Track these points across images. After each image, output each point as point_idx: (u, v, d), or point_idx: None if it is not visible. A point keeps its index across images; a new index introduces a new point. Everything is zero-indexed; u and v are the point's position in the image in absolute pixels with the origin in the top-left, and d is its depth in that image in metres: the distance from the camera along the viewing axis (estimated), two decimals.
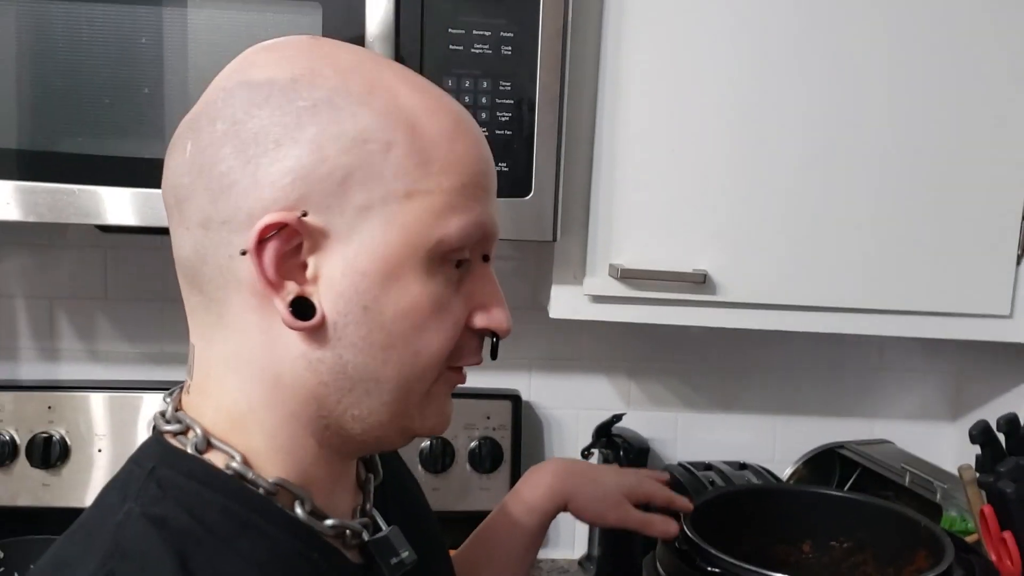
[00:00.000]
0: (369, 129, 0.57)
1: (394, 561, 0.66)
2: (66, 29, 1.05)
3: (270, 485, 0.60)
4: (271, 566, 0.58)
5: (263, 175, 0.56)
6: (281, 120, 0.57)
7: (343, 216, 0.57)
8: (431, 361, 0.61)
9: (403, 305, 0.59)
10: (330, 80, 0.58)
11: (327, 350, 0.59)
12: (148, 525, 0.56)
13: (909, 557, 1.04)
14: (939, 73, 1.20)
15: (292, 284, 0.58)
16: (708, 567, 0.96)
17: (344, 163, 0.56)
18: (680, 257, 1.21)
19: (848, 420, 1.60)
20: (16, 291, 1.48)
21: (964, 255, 1.25)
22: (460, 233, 0.60)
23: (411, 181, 0.58)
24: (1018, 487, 0.99)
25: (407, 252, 0.58)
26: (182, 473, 0.60)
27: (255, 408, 0.61)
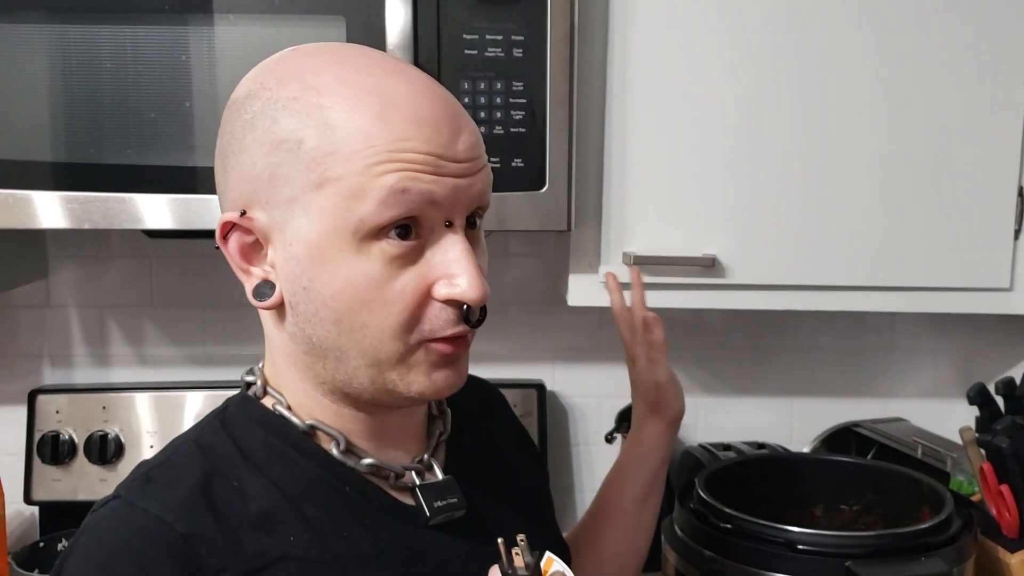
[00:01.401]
0: (286, 130, 0.65)
1: (438, 504, 0.73)
2: (111, 48, 1.14)
3: (306, 425, 0.71)
4: (295, 489, 0.69)
5: (228, 181, 0.69)
6: (235, 134, 0.68)
7: (278, 210, 0.66)
8: (383, 332, 0.66)
9: (338, 284, 0.65)
10: (269, 91, 0.67)
11: (295, 326, 0.69)
12: (195, 446, 0.69)
13: (915, 515, 1.10)
14: (936, 55, 1.26)
15: (258, 269, 0.69)
16: (721, 523, 1.02)
17: (269, 163, 0.66)
18: (690, 242, 1.28)
19: (863, 400, 1.65)
20: (69, 301, 1.58)
21: (964, 231, 1.30)
22: (378, 209, 0.63)
23: (321, 171, 0.64)
24: (1013, 443, 1.04)
25: (331, 235, 0.65)
26: (243, 412, 0.72)
27: (279, 372, 0.73)
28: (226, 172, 0.69)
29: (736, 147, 1.27)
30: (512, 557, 0.68)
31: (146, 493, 0.65)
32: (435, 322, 0.67)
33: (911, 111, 1.27)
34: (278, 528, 0.66)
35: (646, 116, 1.26)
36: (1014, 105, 1.28)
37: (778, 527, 0.99)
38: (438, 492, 0.73)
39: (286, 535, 0.66)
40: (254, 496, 0.67)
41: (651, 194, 1.28)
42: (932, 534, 0.98)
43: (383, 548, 0.70)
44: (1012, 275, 1.31)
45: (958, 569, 0.98)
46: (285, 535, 0.66)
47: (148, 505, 0.64)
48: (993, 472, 1.07)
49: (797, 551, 0.97)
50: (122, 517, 0.65)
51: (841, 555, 0.95)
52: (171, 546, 0.63)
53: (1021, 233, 1.30)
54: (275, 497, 0.67)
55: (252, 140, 0.66)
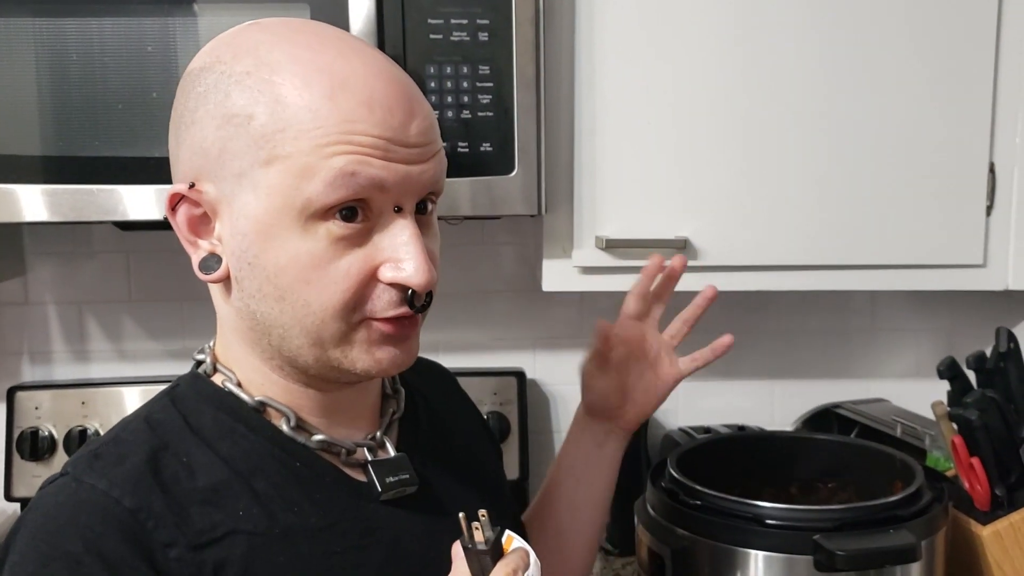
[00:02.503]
0: (237, 105, 0.65)
1: (390, 480, 0.73)
2: (77, 41, 1.14)
3: (255, 402, 0.71)
4: (245, 464, 0.69)
5: (180, 153, 0.69)
6: (187, 106, 0.68)
7: (226, 184, 0.66)
8: (326, 312, 0.66)
9: (283, 261, 0.65)
10: (223, 65, 0.67)
11: (240, 301, 0.69)
12: (143, 423, 0.70)
13: (889, 490, 1.10)
14: (906, 34, 1.26)
15: (206, 243, 0.69)
16: (690, 500, 1.02)
17: (220, 137, 0.66)
18: (662, 225, 1.28)
19: (844, 381, 1.65)
20: (47, 298, 1.58)
21: (937, 209, 1.30)
22: (325, 190, 0.63)
23: (271, 148, 0.64)
24: (982, 415, 1.04)
25: (277, 212, 0.65)
26: (192, 389, 0.73)
27: (229, 346, 0.73)
28: (178, 144, 0.69)
29: (708, 129, 1.27)
30: (472, 532, 0.68)
31: (93, 469, 0.66)
32: (378, 302, 0.67)
33: (882, 89, 1.27)
34: (227, 503, 0.67)
35: (616, 98, 1.26)
36: (983, 82, 1.28)
37: (747, 502, 0.99)
38: (390, 468, 0.74)
39: (235, 509, 0.66)
40: (203, 471, 0.67)
41: (623, 177, 1.28)
42: (901, 507, 0.98)
43: (333, 522, 0.70)
44: (985, 252, 1.32)
45: (928, 541, 0.98)
46: (234, 509, 0.66)
47: (95, 481, 0.64)
48: (964, 445, 1.07)
49: (766, 526, 0.97)
50: (69, 493, 0.65)
51: (809, 529, 0.95)
52: (118, 521, 0.63)
53: (993, 210, 1.30)
54: (224, 472, 0.68)
55: (204, 113, 0.66)
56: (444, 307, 1.60)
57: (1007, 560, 1.06)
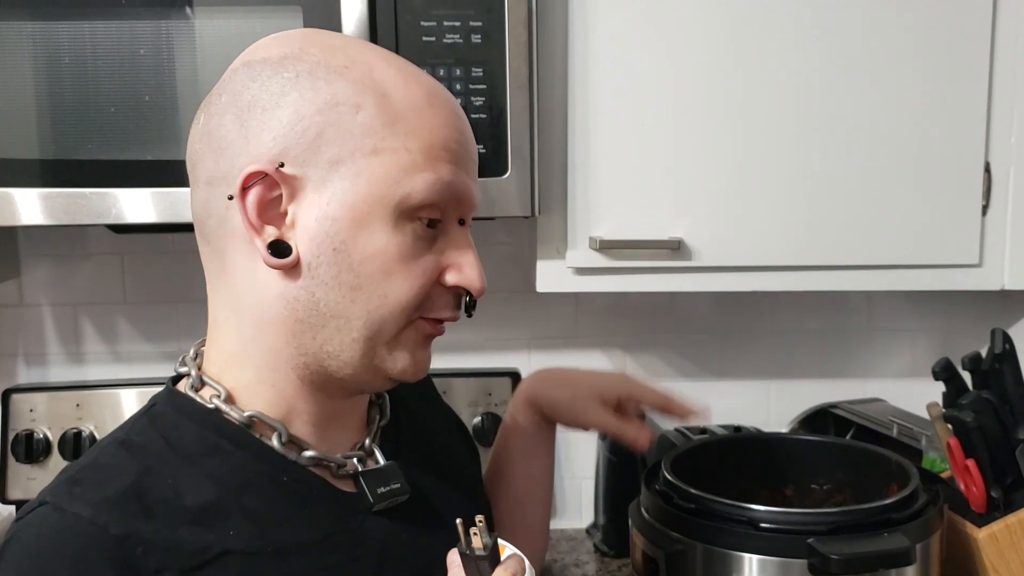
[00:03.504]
0: (341, 94, 0.66)
1: (381, 491, 0.73)
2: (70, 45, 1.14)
3: (245, 418, 0.70)
4: (233, 481, 0.67)
5: (253, 135, 0.67)
6: (269, 89, 0.67)
7: (317, 168, 0.66)
8: (397, 306, 0.68)
9: (370, 250, 0.67)
10: (314, 56, 0.67)
11: (302, 289, 0.67)
12: (120, 447, 0.67)
13: (884, 492, 1.10)
14: (901, 33, 1.26)
15: (272, 228, 0.67)
16: (684, 503, 1.02)
17: (318, 122, 0.66)
18: (656, 226, 1.28)
19: (841, 381, 1.65)
20: (42, 300, 1.58)
21: (933, 208, 1.30)
22: (426, 190, 0.67)
23: (378, 139, 0.66)
24: (977, 416, 1.04)
25: (375, 202, 0.66)
26: (172, 408, 0.71)
27: (245, 344, 0.70)
28: (245, 126, 0.67)
29: (703, 129, 1.26)
30: (471, 538, 0.68)
31: (74, 496, 0.63)
32: (437, 302, 0.71)
33: (877, 88, 1.27)
34: (217, 522, 0.65)
35: (609, 99, 1.26)
36: (979, 80, 1.28)
37: (741, 505, 0.99)
38: (381, 478, 0.73)
39: (225, 529, 0.65)
40: (190, 491, 0.66)
41: (617, 178, 1.27)
42: (895, 510, 0.98)
43: (325, 536, 0.69)
44: (981, 251, 1.31)
45: (923, 544, 0.98)
46: (224, 529, 0.65)
47: (78, 509, 0.62)
48: (960, 447, 1.07)
49: (760, 529, 0.96)
50: (52, 523, 0.62)
51: (803, 532, 0.94)
52: (105, 549, 0.61)
53: (989, 209, 1.30)
54: (212, 491, 0.66)
55: (298, 98, 0.66)
56: None
57: (1003, 563, 1.05)
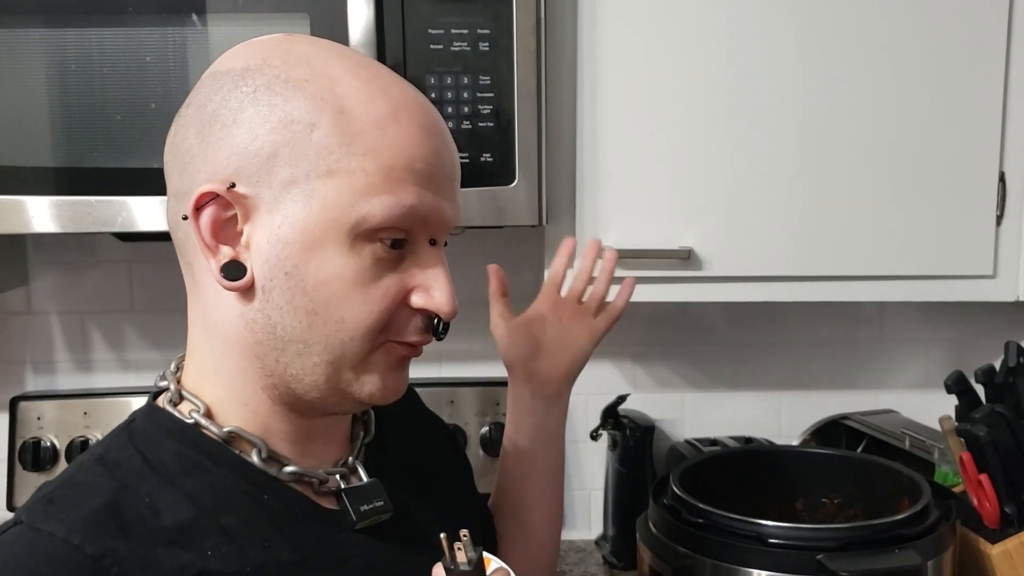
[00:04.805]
0: (297, 111, 0.63)
1: (364, 508, 0.71)
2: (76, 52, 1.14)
3: (223, 433, 0.68)
4: (211, 500, 0.66)
5: (211, 152, 0.65)
6: (228, 104, 0.65)
7: (270, 189, 0.64)
8: (357, 331, 0.65)
9: (324, 275, 0.64)
10: (275, 69, 0.65)
11: (259, 311, 0.66)
12: (97, 464, 0.66)
13: (895, 507, 1.08)
14: (916, 42, 1.24)
15: (228, 248, 0.65)
16: (692, 518, 1.00)
17: (272, 141, 0.63)
18: (665, 235, 1.27)
19: (854, 392, 1.63)
20: (50, 308, 1.58)
21: (947, 218, 1.28)
22: (383, 214, 0.64)
23: (333, 160, 0.63)
24: (990, 431, 1.02)
25: (328, 225, 0.64)
26: (151, 423, 0.69)
27: (216, 361, 0.69)
28: (205, 142, 0.65)
29: (712, 137, 1.25)
30: (455, 553, 0.66)
31: (49, 515, 0.62)
32: (404, 326, 0.68)
33: (890, 98, 1.25)
34: (195, 542, 0.64)
35: (618, 107, 1.25)
36: (994, 89, 1.26)
37: (749, 521, 0.97)
38: (364, 495, 0.71)
39: (203, 549, 0.64)
40: (167, 510, 0.64)
41: (625, 187, 1.26)
42: (906, 525, 0.96)
43: (306, 555, 0.68)
44: (995, 262, 1.29)
45: (935, 561, 0.96)
46: (203, 549, 0.63)
47: (53, 528, 0.60)
48: (972, 461, 1.05)
49: (768, 545, 0.95)
50: (26, 543, 0.60)
51: (813, 548, 0.93)
52: (80, 569, 0.59)
53: (1003, 219, 1.28)
54: (190, 510, 0.64)
55: (253, 114, 0.64)
56: None
57: None
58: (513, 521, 1.01)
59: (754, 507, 1.15)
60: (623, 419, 1.53)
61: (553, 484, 1.02)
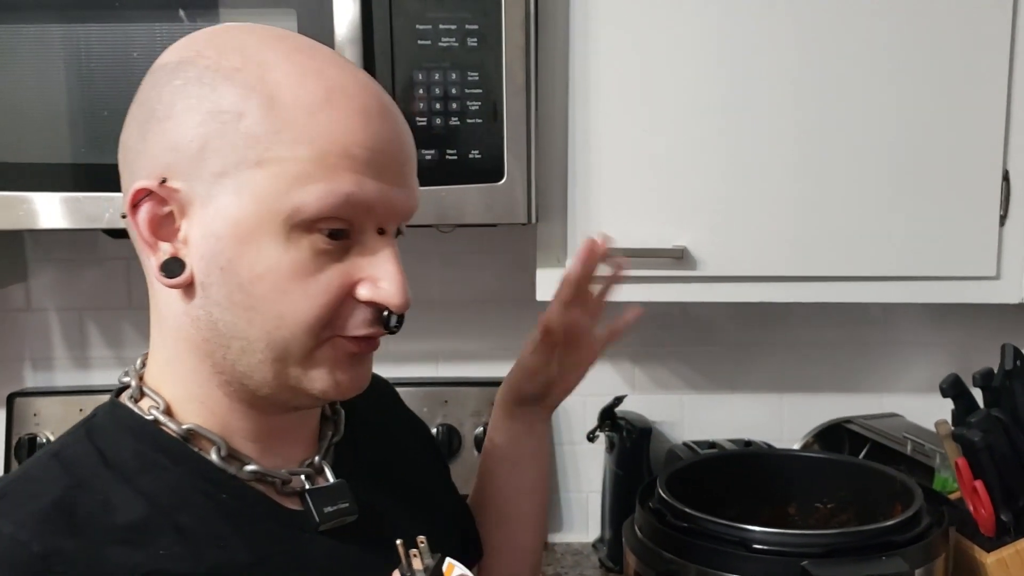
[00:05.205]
0: (226, 101, 0.61)
1: (328, 510, 0.69)
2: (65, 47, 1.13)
3: (182, 430, 0.67)
4: (167, 499, 0.64)
5: (148, 148, 0.64)
6: (162, 99, 0.63)
7: (203, 182, 0.62)
8: (298, 326, 0.63)
9: (259, 269, 0.62)
10: (207, 59, 0.63)
11: (200, 308, 0.64)
12: (52, 459, 0.64)
13: (888, 512, 1.06)
14: (918, 40, 1.22)
15: (167, 245, 0.64)
16: (677, 522, 0.98)
17: (201, 133, 0.62)
18: (659, 234, 1.25)
19: (858, 395, 1.60)
20: (49, 304, 1.58)
21: (949, 218, 1.25)
22: (317, 203, 0.61)
23: (262, 149, 0.61)
24: (985, 436, 0.99)
25: (261, 218, 0.61)
26: (111, 419, 0.68)
27: (171, 359, 0.68)
28: (144, 139, 0.64)
29: (708, 134, 1.23)
30: (411, 559, 0.65)
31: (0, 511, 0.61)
32: (351, 320, 0.65)
33: (892, 95, 1.23)
34: (147, 541, 0.62)
35: (611, 103, 1.23)
36: (997, 85, 1.23)
37: (734, 526, 0.95)
38: (328, 497, 0.70)
39: (156, 548, 0.62)
40: (121, 508, 0.62)
41: (618, 185, 1.24)
42: (895, 532, 0.94)
43: (264, 557, 0.66)
44: (999, 263, 1.26)
45: (925, 569, 0.94)
46: (155, 549, 0.62)
47: (1, 525, 0.59)
48: (968, 467, 1.02)
49: (753, 551, 0.93)
50: None
51: (797, 555, 0.91)
52: (26, 567, 0.58)
53: (1007, 219, 1.25)
54: (144, 508, 0.63)
55: (184, 107, 0.62)
56: (443, 316, 1.58)
57: None
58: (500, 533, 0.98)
59: (746, 511, 1.13)
60: (620, 421, 1.51)
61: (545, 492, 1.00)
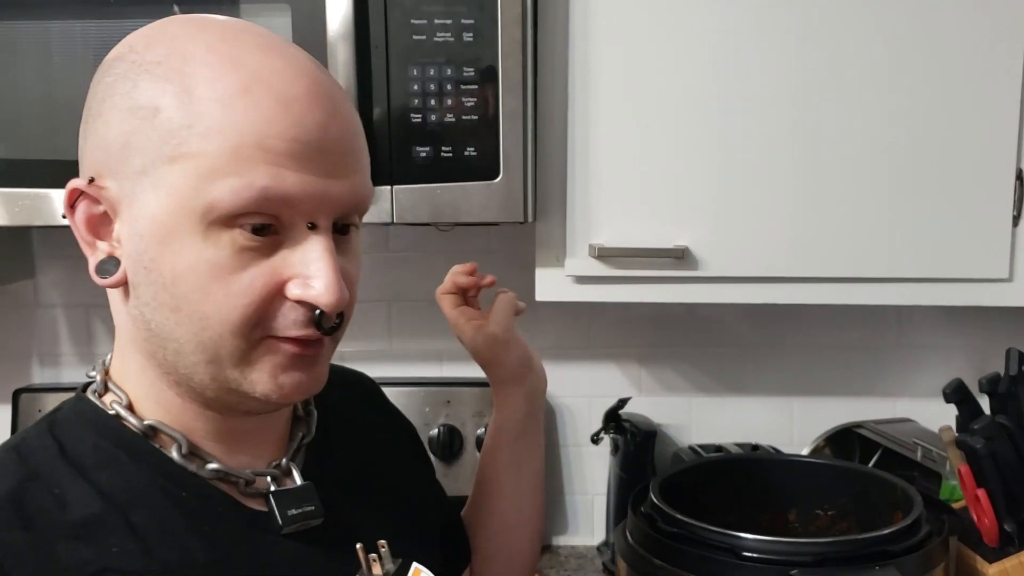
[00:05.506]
0: (144, 96, 0.60)
1: (292, 512, 0.67)
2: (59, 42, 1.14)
3: (144, 426, 0.66)
4: (124, 495, 0.63)
5: (85, 146, 0.64)
6: (96, 97, 0.63)
7: (128, 181, 0.61)
8: (222, 327, 0.61)
9: (180, 268, 0.60)
10: (135, 55, 0.62)
11: (135, 308, 0.63)
12: (13, 452, 0.64)
13: (888, 520, 1.03)
14: (931, 36, 1.18)
15: (105, 244, 0.63)
16: (667, 527, 0.96)
17: (124, 131, 0.61)
18: (659, 233, 1.22)
19: (870, 399, 1.57)
20: (56, 301, 1.58)
21: (960, 218, 1.22)
22: (232, 198, 0.59)
23: (176, 144, 0.59)
24: (988, 443, 0.96)
25: (178, 215, 0.60)
26: (75, 413, 0.67)
27: (125, 358, 0.67)
28: (84, 137, 0.64)
29: (710, 132, 1.20)
30: (370, 564, 0.64)
31: None
32: (282, 320, 0.62)
33: (901, 93, 1.19)
34: (99, 538, 0.61)
35: (611, 101, 1.20)
36: (1011, 84, 1.19)
37: (725, 533, 0.93)
38: (294, 499, 0.68)
39: (108, 545, 0.61)
40: (75, 504, 0.62)
41: (618, 183, 1.22)
42: (891, 541, 0.91)
43: (222, 558, 0.65)
44: (1011, 265, 1.23)
45: None
46: (107, 545, 0.61)
47: None
48: (971, 475, 0.99)
49: (742, 558, 0.91)
50: None
51: (787, 563, 0.88)
52: None
53: (1020, 220, 1.21)
54: (99, 504, 0.62)
55: (110, 105, 0.61)
56: None
57: None
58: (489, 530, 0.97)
59: (745, 517, 1.11)
60: (625, 423, 1.49)
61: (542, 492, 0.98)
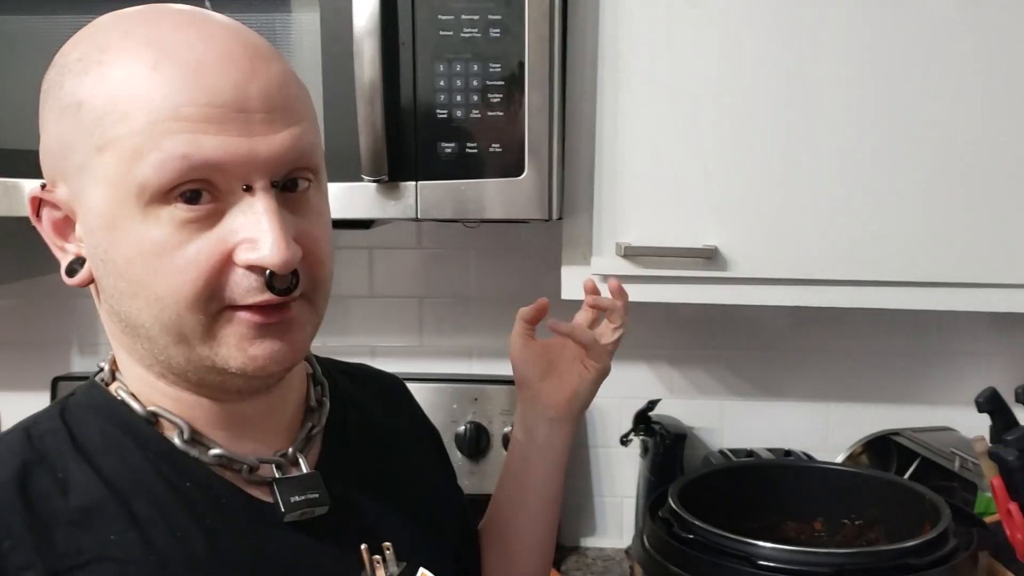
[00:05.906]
0: (68, 94, 0.61)
1: (295, 499, 0.67)
2: None
3: (147, 413, 0.66)
4: (127, 483, 0.64)
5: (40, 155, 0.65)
6: (41, 106, 0.64)
7: (73, 180, 0.62)
8: (177, 305, 0.60)
9: (129, 254, 0.60)
10: (62, 58, 0.63)
11: (106, 303, 0.65)
12: (23, 434, 0.65)
13: (917, 531, 1.00)
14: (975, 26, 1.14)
15: (72, 246, 0.64)
16: (683, 533, 0.94)
17: (59, 132, 0.62)
18: (688, 233, 1.20)
19: (909, 407, 1.53)
20: None
21: (1004, 220, 1.17)
22: (157, 173, 0.58)
23: (100, 133, 0.59)
24: (1021, 456, 0.93)
25: (116, 202, 0.60)
26: (86, 399, 0.68)
27: (119, 355, 0.69)
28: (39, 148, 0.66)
29: (744, 127, 1.17)
30: (374, 566, 0.63)
31: None
32: (236, 289, 0.61)
33: (948, 87, 1.15)
34: (99, 525, 0.62)
35: (641, 97, 1.18)
36: None
37: (741, 540, 0.91)
38: (298, 486, 0.68)
39: (107, 533, 0.62)
40: (78, 489, 0.62)
41: (647, 180, 1.20)
42: (914, 554, 0.88)
43: (223, 550, 0.65)
44: None
45: None
46: (106, 533, 0.62)
47: None
48: (1004, 488, 0.96)
49: (758, 567, 0.88)
50: None
51: (805, 573, 0.86)
52: None
53: None
54: (101, 491, 0.63)
55: (46, 110, 0.63)
56: (476, 312, 1.56)
57: None
58: (499, 551, 0.95)
59: (769, 525, 1.08)
60: (655, 425, 1.47)
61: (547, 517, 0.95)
